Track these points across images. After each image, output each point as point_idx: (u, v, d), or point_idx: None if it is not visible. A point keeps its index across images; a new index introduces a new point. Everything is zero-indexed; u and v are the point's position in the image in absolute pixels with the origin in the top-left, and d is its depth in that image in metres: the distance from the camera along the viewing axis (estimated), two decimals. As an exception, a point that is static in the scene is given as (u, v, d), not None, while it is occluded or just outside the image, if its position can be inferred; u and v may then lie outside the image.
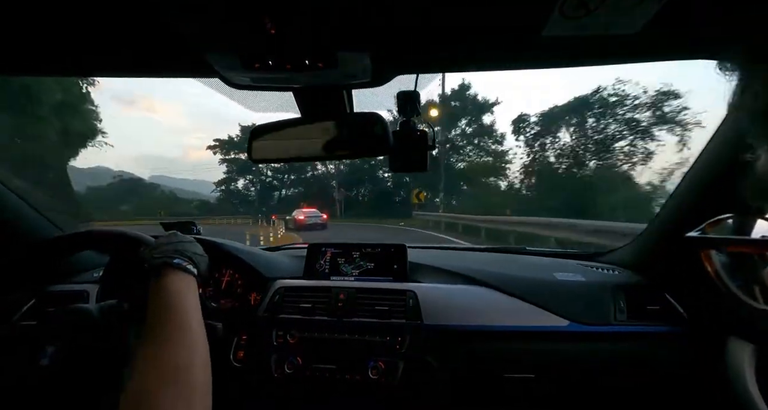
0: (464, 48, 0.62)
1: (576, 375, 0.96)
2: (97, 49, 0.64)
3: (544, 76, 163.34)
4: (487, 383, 0.96)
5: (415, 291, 1.03)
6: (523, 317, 0.98)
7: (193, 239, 0.69)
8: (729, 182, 0.81)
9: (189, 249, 0.65)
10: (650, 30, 0.52)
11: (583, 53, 0.64)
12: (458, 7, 0.50)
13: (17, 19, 0.54)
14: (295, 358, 0.96)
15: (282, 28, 0.49)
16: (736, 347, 0.84)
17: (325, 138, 0.81)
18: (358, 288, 1.06)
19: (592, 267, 1.18)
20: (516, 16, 0.51)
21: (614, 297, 1.01)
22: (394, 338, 0.95)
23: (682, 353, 0.95)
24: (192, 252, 0.64)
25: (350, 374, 0.93)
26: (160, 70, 0.72)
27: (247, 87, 0.68)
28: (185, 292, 0.57)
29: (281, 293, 1.07)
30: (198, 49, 0.55)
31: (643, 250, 1.12)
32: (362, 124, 0.79)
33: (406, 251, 1.18)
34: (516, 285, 1.04)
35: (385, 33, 0.54)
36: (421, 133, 0.77)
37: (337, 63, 0.58)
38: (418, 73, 0.70)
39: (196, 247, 0.67)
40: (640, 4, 0.47)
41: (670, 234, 1.00)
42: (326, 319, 1.01)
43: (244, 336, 1.02)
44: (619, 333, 0.97)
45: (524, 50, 0.63)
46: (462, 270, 1.13)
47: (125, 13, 0.52)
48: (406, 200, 23.50)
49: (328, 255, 1.20)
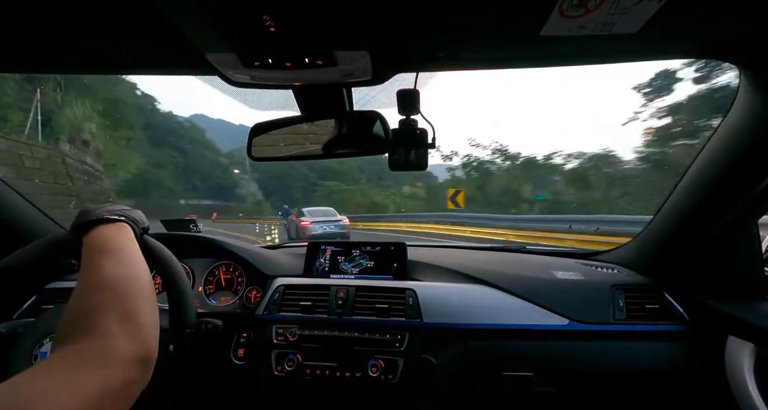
0: (464, 47, 0.62)
1: (575, 374, 0.96)
2: (97, 47, 0.64)
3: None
4: (487, 381, 0.96)
5: (415, 289, 1.04)
6: (522, 316, 0.99)
7: (114, 202, 0.65)
8: (729, 181, 0.81)
9: (112, 208, 0.60)
10: (650, 30, 0.52)
11: (582, 53, 0.64)
12: (458, 6, 0.50)
13: (18, 16, 0.54)
14: (295, 356, 0.96)
15: (282, 26, 0.49)
16: (735, 346, 0.84)
17: (325, 136, 0.81)
18: (357, 286, 1.07)
19: (591, 266, 1.18)
20: (515, 15, 0.51)
21: (613, 296, 1.01)
22: (394, 336, 0.96)
23: (681, 352, 0.95)
24: (117, 209, 0.61)
25: (350, 372, 0.93)
26: (159, 67, 0.72)
27: (247, 85, 0.68)
28: (114, 233, 0.55)
29: (281, 291, 1.08)
30: (198, 47, 0.55)
31: (643, 249, 1.12)
32: (362, 121, 0.79)
33: (405, 249, 1.18)
34: (516, 284, 1.04)
35: (384, 31, 0.54)
36: (421, 131, 0.77)
37: (337, 61, 0.58)
38: (417, 71, 0.70)
39: (119, 205, 0.63)
40: (639, 4, 0.47)
41: (670, 234, 1.00)
42: (326, 317, 1.02)
43: (245, 334, 1.02)
44: (619, 331, 0.97)
45: (524, 49, 0.63)
46: (462, 268, 1.13)
47: (125, 11, 0.52)
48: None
49: (327, 254, 1.20)
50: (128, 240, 0.56)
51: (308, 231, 9.64)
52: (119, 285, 0.46)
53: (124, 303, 0.44)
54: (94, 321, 0.40)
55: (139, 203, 33.16)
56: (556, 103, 33.96)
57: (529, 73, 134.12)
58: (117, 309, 0.42)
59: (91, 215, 0.57)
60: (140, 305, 0.45)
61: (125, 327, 0.41)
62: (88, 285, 0.46)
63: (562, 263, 1.21)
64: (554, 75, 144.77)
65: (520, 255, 1.36)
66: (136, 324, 0.43)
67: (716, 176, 0.83)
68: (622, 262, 1.18)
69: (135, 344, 0.41)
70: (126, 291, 0.45)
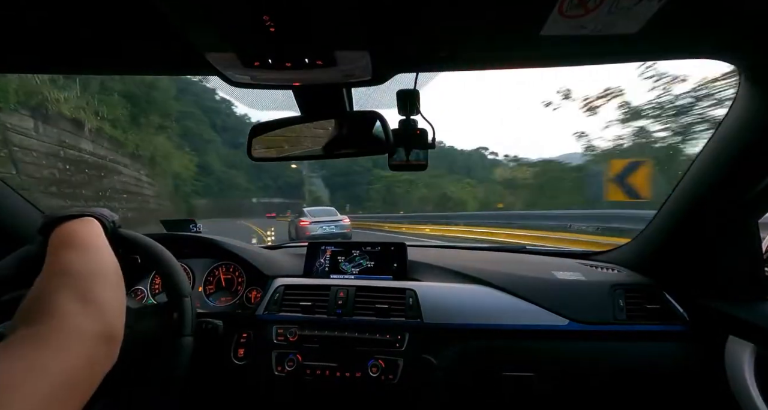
0: (464, 47, 0.62)
1: (575, 374, 0.96)
2: (97, 47, 0.64)
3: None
4: (487, 381, 0.96)
5: (415, 289, 1.04)
6: (522, 316, 0.99)
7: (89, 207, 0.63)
8: (729, 181, 0.81)
9: (79, 208, 0.60)
10: (650, 30, 0.52)
11: (582, 52, 0.64)
12: (458, 5, 0.50)
13: (18, 16, 0.54)
14: (295, 356, 0.96)
15: (282, 26, 0.49)
16: (736, 346, 0.84)
17: (325, 136, 0.81)
18: (358, 286, 1.07)
19: (591, 266, 1.18)
20: (516, 15, 0.51)
21: (614, 296, 1.01)
22: (394, 336, 0.96)
23: (681, 352, 0.95)
24: (78, 209, 0.60)
25: (350, 372, 0.93)
26: (160, 67, 0.73)
27: (247, 85, 0.68)
28: (79, 228, 0.54)
29: (281, 291, 1.08)
30: (198, 47, 0.55)
31: (643, 249, 1.12)
32: (362, 122, 0.79)
33: (406, 250, 1.18)
34: (515, 284, 1.04)
35: (384, 31, 0.54)
36: (421, 131, 0.77)
37: (337, 61, 0.58)
38: (417, 71, 0.70)
39: (91, 208, 0.62)
40: (639, 4, 0.47)
41: (670, 234, 1.00)
42: (326, 317, 1.02)
43: (245, 335, 1.02)
44: (619, 332, 0.97)
45: (524, 49, 0.63)
46: (462, 268, 1.13)
47: (125, 11, 0.52)
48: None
49: (327, 254, 1.20)
50: (93, 232, 0.55)
51: (307, 232, 9.41)
52: (79, 270, 0.45)
53: (84, 284, 0.43)
54: (53, 303, 0.39)
55: (215, 202, 32.72)
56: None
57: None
58: (75, 291, 0.42)
59: (56, 214, 0.56)
60: (100, 287, 0.44)
61: (84, 306, 0.40)
62: (47, 273, 0.45)
63: (562, 263, 1.21)
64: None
65: (520, 255, 1.36)
66: (96, 303, 0.42)
67: (716, 176, 0.83)
68: (622, 262, 1.18)
69: (95, 322, 0.40)
70: (86, 275, 0.45)
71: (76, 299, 0.41)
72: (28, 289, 0.43)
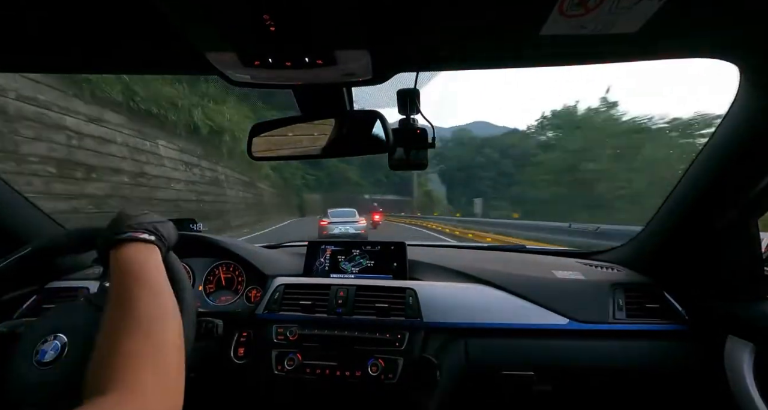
0: (464, 46, 0.62)
1: (575, 373, 0.96)
2: (97, 47, 0.64)
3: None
4: (487, 380, 0.96)
5: (415, 288, 1.04)
6: (522, 315, 0.99)
7: (150, 212, 0.65)
8: (729, 181, 0.81)
9: (144, 220, 0.61)
10: (650, 29, 0.52)
11: (582, 52, 0.63)
12: (458, 5, 0.50)
13: (20, 15, 0.54)
14: (295, 355, 0.96)
15: (282, 25, 0.49)
16: (735, 345, 0.85)
17: (325, 136, 0.81)
18: (358, 285, 1.07)
19: (591, 266, 1.18)
20: (516, 14, 0.51)
21: (613, 295, 1.01)
22: (394, 335, 0.96)
23: (680, 351, 0.95)
24: (149, 221, 0.61)
25: (350, 371, 0.94)
26: (160, 67, 0.73)
27: (247, 84, 0.68)
28: (144, 258, 0.55)
29: (281, 290, 1.08)
30: (198, 47, 0.55)
31: (643, 249, 1.12)
32: (362, 121, 0.79)
33: (405, 249, 1.18)
34: (515, 284, 1.04)
35: (385, 31, 0.54)
36: (421, 130, 0.77)
37: (337, 60, 0.58)
38: (418, 70, 0.70)
39: (152, 217, 0.64)
40: (639, 4, 0.47)
41: (670, 233, 1.00)
42: (326, 316, 1.02)
43: (245, 334, 1.02)
44: (618, 331, 0.97)
45: (524, 49, 0.62)
46: (461, 268, 1.13)
47: (125, 10, 0.52)
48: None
49: (327, 253, 1.20)
50: (157, 267, 0.56)
51: (325, 231, 10.04)
52: (154, 330, 0.46)
53: (159, 353, 0.44)
54: (132, 373, 0.40)
55: (327, 197, 31.85)
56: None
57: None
58: (152, 361, 0.43)
59: (123, 230, 0.57)
60: (172, 354, 0.46)
61: (159, 381, 0.41)
62: (124, 325, 0.45)
63: (561, 262, 1.22)
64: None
65: (520, 255, 1.36)
66: (169, 377, 0.43)
67: (716, 175, 0.83)
68: (622, 262, 1.18)
69: (167, 398, 0.41)
70: (160, 339, 0.46)
71: (152, 372, 0.42)
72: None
